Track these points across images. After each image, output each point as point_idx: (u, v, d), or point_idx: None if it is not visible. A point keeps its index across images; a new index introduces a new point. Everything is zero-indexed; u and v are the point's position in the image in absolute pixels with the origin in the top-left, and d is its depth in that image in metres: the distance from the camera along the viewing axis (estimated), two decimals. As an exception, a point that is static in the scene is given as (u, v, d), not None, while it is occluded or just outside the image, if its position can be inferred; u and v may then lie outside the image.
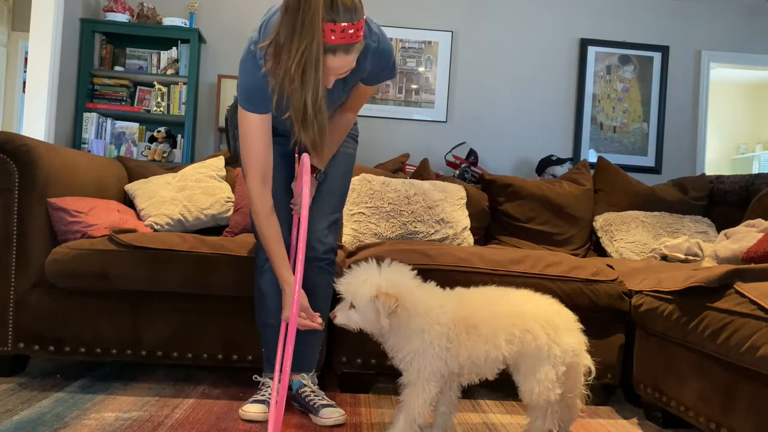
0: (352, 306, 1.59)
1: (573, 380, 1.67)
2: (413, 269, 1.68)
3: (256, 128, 1.73)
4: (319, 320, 1.76)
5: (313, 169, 1.87)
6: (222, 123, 4.53)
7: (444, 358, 1.57)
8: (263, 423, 1.81)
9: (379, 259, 1.64)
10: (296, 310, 1.64)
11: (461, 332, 1.58)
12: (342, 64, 1.54)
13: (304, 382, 1.95)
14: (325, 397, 1.92)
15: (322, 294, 1.96)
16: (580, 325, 1.69)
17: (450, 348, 1.57)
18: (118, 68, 4.44)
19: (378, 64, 1.75)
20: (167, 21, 4.42)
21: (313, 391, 1.92)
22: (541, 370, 1.58)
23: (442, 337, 1.57)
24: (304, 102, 1.53)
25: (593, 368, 1.71)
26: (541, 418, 1.63)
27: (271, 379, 1.94)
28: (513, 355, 1.60)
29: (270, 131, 1.77)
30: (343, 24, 1.47)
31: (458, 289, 1.70)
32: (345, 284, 1.58)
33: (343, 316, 1.60)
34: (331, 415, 1.83)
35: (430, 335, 1.56)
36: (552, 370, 1.58)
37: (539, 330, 1.59)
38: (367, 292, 1.53)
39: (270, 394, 1.88)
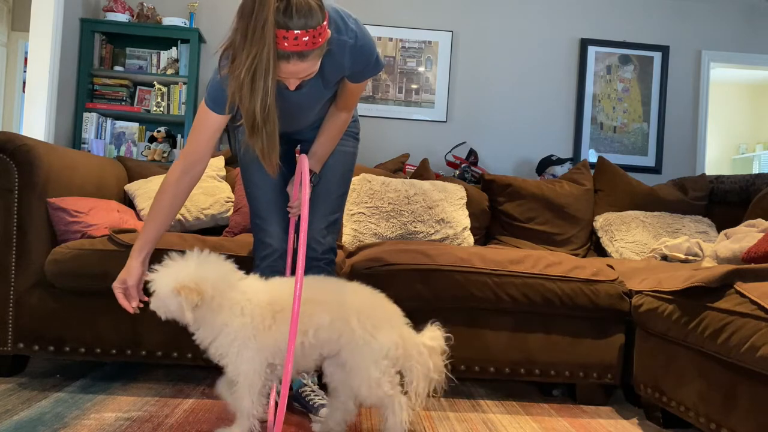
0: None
1: (409, 377, 1.64)
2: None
3: (207, 126, 1.71)
4: (136, 303, 1.72)
5: (309, 171, 1.86)
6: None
7: (252, 348, 1.54)
8: (263, 423, 1.81)
9: (192, 252, 1.60)
10: (297, 310, 1.64)
11: (267, 319, 1.55)
12: (298, 69, 1.50)
13: (304, 381, 1.95)
14: (325, 396, 1.92)
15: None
16: (407, 321, 1.67)
17: (257, 336, 1.54)
18: (118, 68, 4.45)
19: (359, 61, 1.70)
20: (167, 21, 4.42)
21: (313, 391, 1.92)
22: (363, 366, 1.55)
23: (245, 328, 1.54)
24: (253, 110, 1.50)
25: (443, 347, 1.67)
26: (391, 415, 1.59)
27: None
28: (325, 345, 1.57)
29: (219, 133, 1.74)
30: (296, 31, 1.42)
31: (277, 279, 1.67)
32: (152, 276, 1.55)
33: (153, 304, 1.57)
34: None
35: (235, 327, 1.53)
36: (374, 366, 1.55)
37: (354, 321, 1.56)
38: (168, 284, 1.51)
39: (270, 394, 1.88)
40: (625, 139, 4.86)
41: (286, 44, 1.43)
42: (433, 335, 1.69)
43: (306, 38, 1.44)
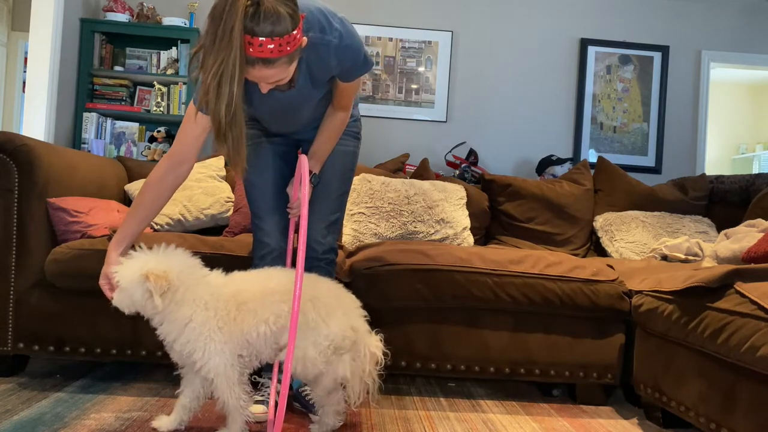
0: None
1: (354, 367, 1.67)
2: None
3: (193, 123, 1.72)
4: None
5: (308, 171, 1.86)
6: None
7: (219, 341, 1.56)
8: (263, 423, 1.81)
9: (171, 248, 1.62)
10: (297, 311, 1.64)
11: (232, 310, 1.58)
12: (264, 75, 1.49)
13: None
14: None
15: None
16: (363, 312, 1.71)
17: (223, 328, 1.56)
18: (117, 68, 4.44)
19: (345, 60, 1.69)
20: (167, 21, 4.42)
21: None
22: (301, 345, 1.58)
23: (210, 320, 1.56)
24: (219, 114, 1.49)
25: (381, 357, 1.70)
26: (316, 386, 1.65)
27: (270, 379, 1.94)
28: (282, 333, 1.61)
29: (206, 133, 1.75)
30: (261, 38, 1.41)
31: (240, 272, 1.70)
32: (117, 268, 1.57)
33: (116, 299, 1.58)
34: None
35: (199, 321, 1.55)
36: (312, 347, 1.59)
37: (309, 306, 1.60)
38: (135, 272, 1.52)
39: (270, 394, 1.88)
40: (625, 139, 4.85)
41: (251, 50, 1.43)
42: (377, 344, 1.72)
43: (271, 46, 1.43)
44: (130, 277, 1.53)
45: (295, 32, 1.46)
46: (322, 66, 1.68)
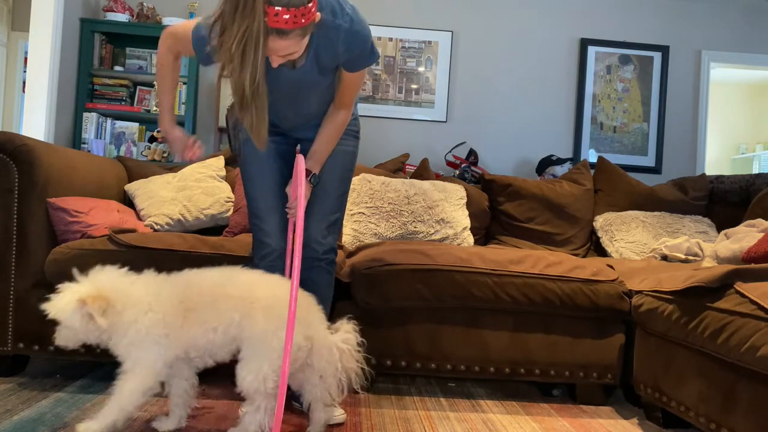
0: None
1: (313, 375, 1.64)
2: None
3: (184, 42, 1.83)
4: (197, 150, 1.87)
5: (308, 171, 1.85)
6: (222, 123, 4.53)
7: (163, 345, 1.54)
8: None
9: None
10: (293, 316, 1.63)
11: (178, 317, 1.55)
12: (277, 47, 1.51)
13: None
14: None
15: (323, 293, 1.96)
16: (322, 316, 1.69)
17: (169, 334, 1.54)
18: (117, 68, 4.44)
19: (353, 47, 1.69)
20: (167, 21, 4.42)
21: None
22: (255, 359, 1.55)
23: (157, 324, 1.54)
24: (243, 82, 1.51)
25: (352, 349, 1.67)
26: (252, 412, 1.59)
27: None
28: (237, 340, 1.58)
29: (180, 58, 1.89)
30: (277, 8, 1.43)
31: (186, 272, 1.66)
32: (48, 305, 1.53)
33: (58, 338, 1.55)
34: (334, 413, 1.82)
35: (144, 324, 1.53)
36: (267, 363, 1.55)
37: (259, 316, 1.56)
38: (68, 303, 1.50)
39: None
40: (625, 139, 4.85)
41: (266, 19, 1.44)
42: (345, 337, 1.69)
43: (287, 16, 1.45)
44: (66, 309, 1.50)
45: (310, 5, 1.49)
46: (330, 50, 1.68)
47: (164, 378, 1.61)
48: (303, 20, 1.48)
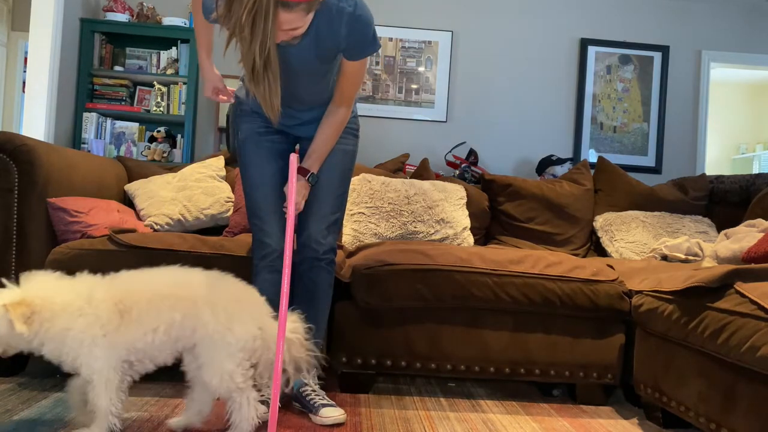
0: None
1: (269, 367, 1.62)
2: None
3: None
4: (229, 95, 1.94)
5: (305, 171, 1.84)
6: (222, 123, 4.53)
7: (102, 346, 1.51)
8: (263, 423, 1.80)
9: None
10: (285, 312, 1.62)
11: (114, 318, 1.52)
12: (282, 19, 1.51)
13: (306, 381, 1.95)
14: (325, 396, 1.92)
15: (323, 293, 1.96)
16: (268, 309, 1.65)
17: (107, 335, 1.51)
18: (117, 68, 4.44)
19: (355, 31, 1.69)
20: (167, 21, 4.42)
21: (314, 390, 1.92)
22: (216, 359, 1.53)
23: (91, 326, 1.50)
24: (253, 51, 1.52)
25: (300, 338, 1.65)
26: (237, 410, 1.58)
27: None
28: (181, 340, 1.56)
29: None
30: None
31: (122, 273, 1.63)
32: None
33: None
34: (331, 414, 1.82)
35: (78, 329, 1.50)
36: (229, 360, 1.53)
37: (207, 315, 1.54)
38: None
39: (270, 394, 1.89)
40: (625, 139, 4.85)
41: None
42: (293, 326, 1.65)
43: None
44: None
45: None
46: (331, 34, 1.68)
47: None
48: None
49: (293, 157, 1.74)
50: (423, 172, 3.31)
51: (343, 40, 1.70)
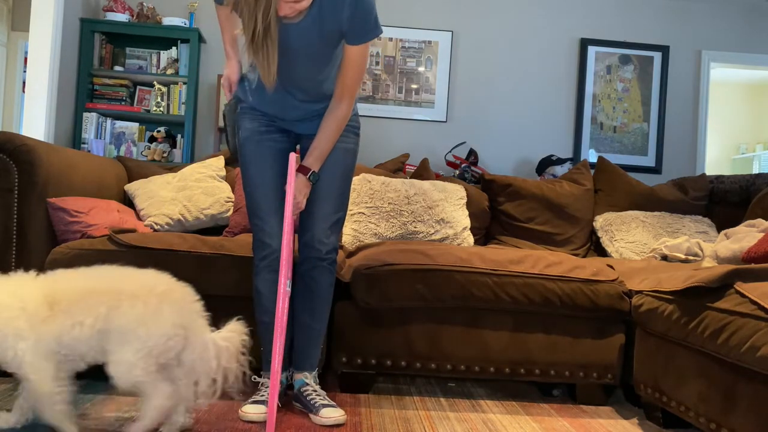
0: None
1: (181, 371, 1.62)
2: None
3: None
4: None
5: (306, 169, 1.84)
6: (222, 123, 4.53)
7: (28, 338, 1.51)
8: (263, 423, 1.81)
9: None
10: (282, 312, 1.63)
11: (42, 309, 1.52)
12: None
13: (307, 381, 1.95)
14: (326, 397, 1.92)
15: (324, 293, 1.96)
16: (199, 307, 1.64)
17: (33, 327, 1.51)
18: (117, 68, 4.44)
19: (357, 15, 1.70)
20: (167, 21, 4.42)
21: (315, 391, 1.92)
22: (119, 349, 1.53)
23: (15, 318, 1.50)
24: (255, 17, 1.57)
25: (235, 349, 1.63)
26: (145, 400, 1.56)
27: (269, 378, 1.94)
28: (104, 334, 1.56)
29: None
30: None
31: (58, 271, 1.64)
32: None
33: None
34: (331, 414, 1.82)
35: (1, 324, 1.50)
36: (132, 353, 1.53)
37: (126, 308, 1.55)
38: None
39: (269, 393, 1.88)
40: (625, 139, 4.86)
41: None
42: (228, 335, 1.64)
43: None
44: None
45: None
46: (335, 15, 1.70)
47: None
48: None
49: (293, 157, 1.74)
50: (423, 172, 3.31)
51: (345, 22, 1.72)
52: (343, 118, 1.86)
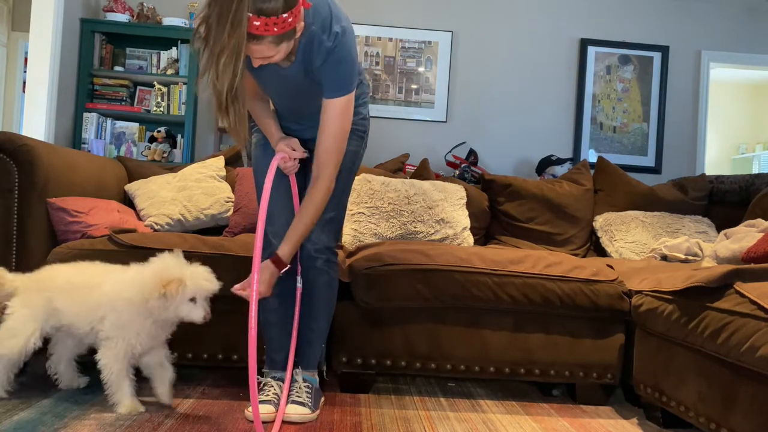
0: None
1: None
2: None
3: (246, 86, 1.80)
4: (246, 293, 1.81)
5: (281, 264, 1.82)
6: (222, 123, 4.52)
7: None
8: (268, 423, 1.80)
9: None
10: (254, 308, 1.61)
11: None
12: (251, 50, 1.54)
13: (296, 377, 1.94)
14: (308, 396, 1.89)
15: (320, 292, 1.95)
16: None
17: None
18: (118, 68, 4.45)
19: (328, 67, 1.70)
20: (167, 21, 4.42)
21: (300, 387, 1.90)
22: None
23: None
24: (222, 89, 1.55)
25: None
26: None
27: (274, 378, 1.94)
28: None
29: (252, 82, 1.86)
30: (248, 14, 1.46)
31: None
32: None
33: None
34: (292, 412, 1.82)
35: None
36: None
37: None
38: None
39: (274, 393, 1.88)
40: (625, 139, 4.86)
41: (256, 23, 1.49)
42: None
43: (257, 23, 1.48)
44: None
45: (285, 15, 1.51)
46: (311, 62, 1.72)
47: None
48: (275, 29, 1.50)
49: (274, 160, 1.77)
50: (423, 172, 3.31)
51: (317, 71, 1.72)
52: (321, 200, 1.80)
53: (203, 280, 1.78)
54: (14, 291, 1.88)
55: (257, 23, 1.48)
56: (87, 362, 2.40)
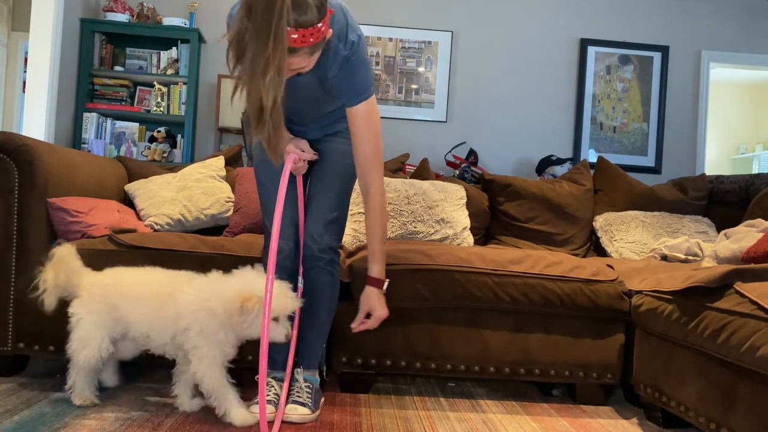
0: None
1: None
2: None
3: None
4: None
5: (380, 282, 1.89)
6: (222, 123, 4.53)
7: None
8: (270, 423, 1.80)
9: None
10: (269, 310, 1.61)
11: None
12: (290, 62, 1.54)
13: (297, 377, 1.94)
14: (308, 395, 1.89)
15: (321, 293, 1.96)
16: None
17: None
18: (118, 68, 4.45)
19: (343, 75, 1.72)
20: (167, 21, 4.42)
21: (301, 387, 1.91)
22: None
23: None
24: (265, 104, 1.52)
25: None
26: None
27: (274, 378, 1.94)
28: None
29: None
30: (287, 27, 1.45)
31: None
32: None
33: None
34: (292, 412, 1.82)
35: None
36: None
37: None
38: None
39: (274, 393, 1.88)
40: (625, 139, 4.86)
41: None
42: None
43: (295, 36, 1.48)
44: None
45: (320, 24, 1.51)
46: (326, 71, 1.72)
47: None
48: (311, 39, 1.51)
49: (289, 158, 1.76)
50: (423, 172, 3.31)
51: (333, 80, 1.74)
52: (381, 207, 1.86)
53: (286, 297, 1.70)
54: (78, 286, 1.85)
55: (295, 36, 1.48)
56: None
